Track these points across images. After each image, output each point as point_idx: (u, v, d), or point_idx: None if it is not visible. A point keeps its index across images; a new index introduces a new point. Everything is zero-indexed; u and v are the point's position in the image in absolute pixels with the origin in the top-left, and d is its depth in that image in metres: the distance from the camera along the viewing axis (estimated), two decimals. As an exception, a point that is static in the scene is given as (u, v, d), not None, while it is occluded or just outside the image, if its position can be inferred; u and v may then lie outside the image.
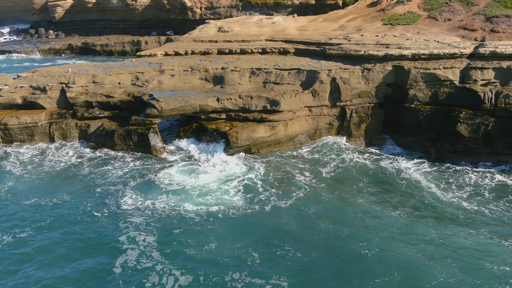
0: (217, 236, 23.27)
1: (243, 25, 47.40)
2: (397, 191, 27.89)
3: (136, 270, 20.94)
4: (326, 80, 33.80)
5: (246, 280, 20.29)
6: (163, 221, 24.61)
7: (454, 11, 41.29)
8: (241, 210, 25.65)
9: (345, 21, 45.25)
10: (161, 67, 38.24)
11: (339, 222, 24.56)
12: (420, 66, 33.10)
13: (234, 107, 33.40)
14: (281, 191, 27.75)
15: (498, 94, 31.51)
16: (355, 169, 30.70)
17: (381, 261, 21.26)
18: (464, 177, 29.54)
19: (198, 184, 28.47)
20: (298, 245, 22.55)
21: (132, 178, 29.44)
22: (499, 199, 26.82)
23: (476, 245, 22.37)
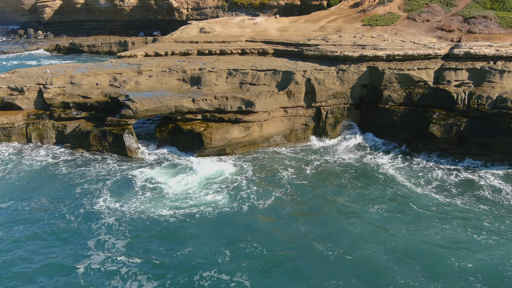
0: (190, 237, 23.24)
1: (225, 26, 47.47)
2: (374, 186, 28.05)
3: (100, 272, 20.86)
4: (301, 81, 33.87)
5: (214, 278, 20.35)
6: (136, 223, 24.54)
7: (433, 12, 41.42)
8: (217, 210, 25.58)
9: (326, 22, 45.36)
10: (139, 68, 38.28)
11: (313, 221, 24.59)
12: (395, 67, 33.21)
13: (209, 107, 33.44)
14: (261, 190, 27.75)
15: (471, 94, 31.63)
16: (336, 167, 30.86)
17: (344, 261, 21.24)
18: (433, 173, 29.65)
19: (174, 185, 28.40)
20: (268, 244, 22.53)
21: (106, 179, 29.42)
22: (468, 195, 27.03)
23: (443, 241, 22.48)
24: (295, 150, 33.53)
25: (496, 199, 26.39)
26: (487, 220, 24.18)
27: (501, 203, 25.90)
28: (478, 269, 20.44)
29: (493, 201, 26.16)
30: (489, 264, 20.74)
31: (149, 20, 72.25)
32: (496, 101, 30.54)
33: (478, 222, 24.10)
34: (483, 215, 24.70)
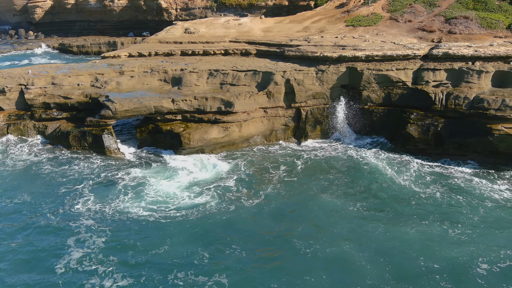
0: (169, 236, 23.27)
1: (210, 26, 47.52)
2: (356, 184, 28.26)
3: (77, 271, 20.95)
4: (280, 81, 33.94)
5: (190, 279, 20.42)
6: (115, 222, 24.57)
7: (415, 13, 41.53)
8: (198, 210, 25.60)
9: (310, 22, 45.44)
10: (122, 69, 38.32)
11: (295, 219, 24.74)
12: (373, 67, 33.29)
13: (189, 108, 33.49)
14: (243, 188, 27.87)
15: (448, 95, 31.73)
16: (321, 163, 31.03)
17: (320, 259, 21.31)
18: (413, 169, 29.97)
19: (154, 185, 28.42)
20: (248, 243, 22.63)
21: (86, 179, 29.43)
22: (446, 190, 27.29)
23: (417, 238, 22.67)
24: (276, 148, 33.54)
25: (473, 195, 26.53)
26: (462, 216, 24.36)
27: (477, 199, 26.10)
28: (446, 267, 20.55)
29: (469, 197, 26.31)
30: (458, 262, 20.83)
31: (138, 20, 72.30)
32: (473, 102, 30.63)
33: (453, 218, 24.28)
34: (459, 211, 24.89)
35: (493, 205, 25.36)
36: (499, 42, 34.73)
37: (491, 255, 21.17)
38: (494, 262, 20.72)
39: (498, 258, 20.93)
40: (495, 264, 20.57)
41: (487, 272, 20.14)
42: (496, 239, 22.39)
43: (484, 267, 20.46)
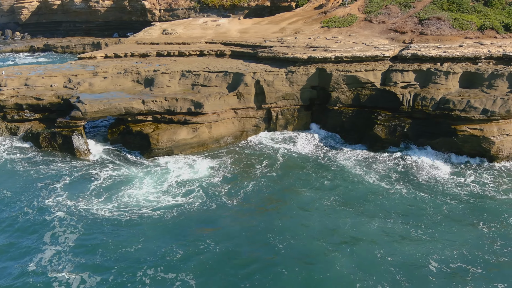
0: (141, 235, 23.33)
1: (188, 27, 47.61)
2: (328, 180, 28.52)
3: (46, 271, 20.85)
4: (250, 82, 34.05)
5: (159, 275, 20.53)
6: (86, 223, 24.51)
7: (390, 14, 41.70)
8: (170, 209, 25.67)
9: (287, 23, 45.57)
10: (95, 70, 38.34)
11: (268, 215, 24.96)
12: (342, 68, 33.43)
13: (159, 109, 33.56)
14: (216, 186, 28.05)
15: (416, 96, 31.88)
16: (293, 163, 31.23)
17: (288, 254, 21.62)
18: (383, 165, 30.39)
19: (126, 186, 28.43)
20: (221, 240, 22.79)
21: (58, 179, 29.29)
22: (412, 186, 27.63)
23: (381, 233, 23.06)
24: (246, 147, 33.67)
25: (437, 193, 26.75)
26: (425, 214, 24.69)
27: (440, 197, 26.32)
28: (402, 262, 20.90)
29: (433, 195, 26.56)
30: (414, 258, 21.17)
31: (123, 21, 72.35)
32: (439, 102, 30.81)
33: (417, 215, 24.63)
34: (423, 208, 25.23)
35: (455, 203, 25.60)
36: (469, 43, 34.95)
37: (445, 253, 21.42)
38: (446, 260, 20.94)
39: (451, 257, 21.16)
40: (447, 262, 20.80)
41: (437, 270, 20.42)
42: (453, 237, 22.62)
43: (435, 265, 20.75)
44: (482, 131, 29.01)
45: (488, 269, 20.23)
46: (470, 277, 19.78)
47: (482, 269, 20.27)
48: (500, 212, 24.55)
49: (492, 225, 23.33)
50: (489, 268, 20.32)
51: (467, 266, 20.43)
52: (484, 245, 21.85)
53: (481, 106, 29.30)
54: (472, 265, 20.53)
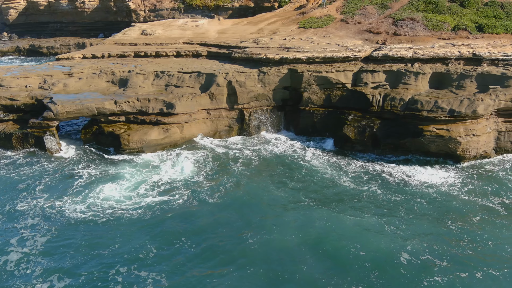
0: (116, 235, 23.27)
1: (167, 28, 47.71)
2: (299, 179, 28.72)
3: (15, 273, 20.84)
4: (222, 83, 34.17)
5: (133, 273, 20.61)
6: (59, 224, 24.42)
7: (366, 14, 41.87)
8: (145, 209, 25.59)
9: (266, 24, 45.71)
10: (71, 70, 38.41)
11: (243, 213, 25.10)
12: (314, 69, 33.57)
13: (132, 109, 33.66)
14: (191, 186, 28.07)
15: (386, 96, 32.02)
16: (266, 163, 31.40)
17: (262, 250, 21.86)
18: (355, 166, 30.60)
19: (98, 186, 28.35)
20: (197, 239, 22.91)
21: (25, 182, 29.16)
22: (383, 185, 27.88)
23: (353, 229, 23.37)
24: (221, 146, 33.82)
25: (407, 191, 26.97)
26: (397, 210, 24.98)
27: (411, 195, 26.56)
28: (374, 256, 21.25)
29: (404, 193, 26.82)
30: (385, 252, 21.53)
31: (109, 21, 72.40)
32: (408, 103, 30.96)
33: (389, 211, 24.91)
34: (394, 205, 25.49)
35: (424, 202, 25.82)
36: (441, 43, 35.15)
37: (415, 247, 21.82)
38: (416, 253, 21.37)
39: (421, 250, 21.59)
40: (417, 256, 21.23)
41: (408, 262, 20.89)
42: (423, 232, 23.00)
43: (406, 256, 21.22)
44: (448, 131, 29.17)
45: (454, 262, 20.79)
46: (437, 268, 20.40)
47: (447, 262, 20.80)
48: (465, 211, 24.86)
49: (458, 223, 23.72)
50: (455, 260, 20.88)
51: (435, 260, 20.95)
52: (451, 240, 22.29)
53: (448, 106, 29.46)
54: (439, 258, 21.03)
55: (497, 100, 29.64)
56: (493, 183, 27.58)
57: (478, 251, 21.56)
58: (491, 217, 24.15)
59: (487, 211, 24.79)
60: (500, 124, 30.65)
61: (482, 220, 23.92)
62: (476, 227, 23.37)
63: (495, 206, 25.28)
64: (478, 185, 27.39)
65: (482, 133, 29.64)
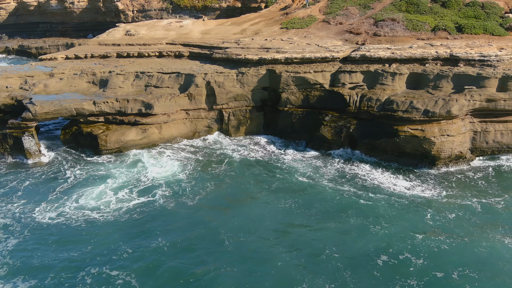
0: (89, 237, 23.30)
1: (151, 28, 47.77)
2: (276, 180, 28.83)
3: None
4: (201, 83, 34.25)
5: (104, 273, 20.67)
6: (32, 227, 24.41)
7: (348, 15, 41.96)
8: (121, 209, 25.73)
9: (249, 24, 45.79)
10: (52, 71, 38.41)
11: (220, 214, 25.37)
12: (292, 69, 33.65)
13: (111, 110, 33.70)
14: (170, 187, 28.18)
15: (362, 97, 32.14)
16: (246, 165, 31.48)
17: (236, 253, 21.97)
18: (332, 167, 30.71)
19: (74, 188, 28.35)
20: (171, 239, 23.04)
21: (3, 182, 29.35)
22: (359, 186, 28.05)
23: (331, 230, 23.59)
24: (201, 147, 33.87)
25: (385, 193, 27.15)
26: (374, 212, 25.14)
27: (389, 196, 26.71)
28: (352, 257, 21.55)
29: (381, 193, 27.02)
30: (363, 253, 21.82)
31: (98, 22, 72.41)
32: (384, 103, 31.06)
33: (365, 213, 25.08)
34: (371, 207, 25.61)
35: (404, 202, 25.98)
36: (419, 44, 35.26)
37: (392, 248, 22.01)
38: (392, 255, 21.58)
39: (397, 252, 21.77)
40: (393, 257, 21.45)
41: (383, 263, 21.08)
42: (400, 234, 23.14)
43: (383, 258, 21.41)
44: (423, 131, 29.27)
45: (429, 261, 21.00)
46: (413, 269, 20.55)
47: (423, 260, 21.05)
48: (442, 210, 25.09)
49: (435, 223, 23.97)
50: (430, 260, 21.10)
51: (411, 261, 21.10)
52: (428, 242, 22.41)
53: (423, 107, 29.57)
54: (416, 259, 21.23)
55: (471, 100, 29.75)
56: (470, 186, 27.69)
57: (455, 253, 21.61)
58: (468, 219, 24.22)
59: (464, 212, 24.86)
60: (475, 125, 30.75)
61: (458, 222, 24.00)
62: (452, 229, 23.42)
63: (472, 207, 25.35)
64: (455, 188, 27.48)
65: (457, 133, 29.73)
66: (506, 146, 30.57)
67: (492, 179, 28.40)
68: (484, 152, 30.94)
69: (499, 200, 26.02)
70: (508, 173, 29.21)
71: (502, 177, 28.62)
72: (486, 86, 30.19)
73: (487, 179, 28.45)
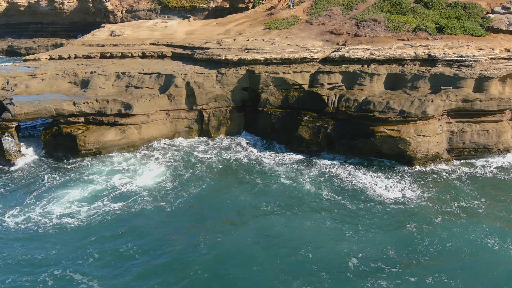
0: (59, 242, 23.19)
1: (136, 29, 47.84)
2: (256, 183, 28.75)
3: None
4: (181, 84, 34.33)
5: (66, 277, 20.64)
6: (2, 228, 24.52)
7: (331, 15, 42.07)
8: (98, 216, 25.51)
9: (234, 25, 45.89)
10: (34, 71, 38.44)
11: (195, 216, 25.19)
12: (271, 70, 33.74)
13: (91, 110, 33.75)
14: (145, 190, 28.15)
15: (341, 97, 32.24)
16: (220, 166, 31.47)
17: (209, 256, 21.88)
18: (312, 169, 30.62)
19: (50, 192, 28.27)
20: (143, 243, 23.01)
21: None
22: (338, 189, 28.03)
23: (310, 233, 23.46)
24: (180, 148, 33.85)
25: (363, 194, 27.19)
26: (352, 215, 25.10)
27: (368, 199, 26.67)
28: (326, 260, 21.43)
29: (360, 195, 27.01)
30: (337, 256, 21.70)
31: (88, 22, 72.48)
32: (361, 104, 31.17)
33: (344, 216, 25.03)
34: (350, 210, 25.62)
35: (383, 205, 25.95)
36: (399, 44, 35.39)
37: (367, 252, 21.92)
38: (367, 259, 21.43)
39: (372, 257, 21.61)
40: (367, 262, 21.30)
41: (355, 268, 20.96)
42: (377, 237, 23.04)
43: (355, 262, 21.31)
44: (399, 132, 29.40)
45: (405, 267, 20.82)
46: (386, 275, 20.40)
47: (398, 268, 20.79)
48: (421, 213, 25.03)
49: (411, 229, 23.72)
50: (404, 266, 20.91)
51: (386, 265, 21.03)
52: (404, 246, 22.34)
53: (399, 107, 29.69)
54: (391, 263, 21.11)
55: (447, 101, 29.88)
56: (448, 187, 27.76)
57: (431, 257, 21.53)
58: (445, 223, 24.17)
59: (441, 215, 24.79)
60: (452, 125, 30.88)
61: (435, 226, 23.92)
62: (430, 232, 23.35)
63: (451, 211, 25.29)
64: (432, 188, 27.60)
65: (433, 133, 29.86)
66: (482, 146, 30.65)
67: (467, 180, 28.45)
68: (461, 153, 31.01)
69: (478, 204, 25.89)
70: (482, 175, 29.33)
71: (476, 179, 28.67)
72: (463, 86, 30.30)
73: (464, 180, 28.49)
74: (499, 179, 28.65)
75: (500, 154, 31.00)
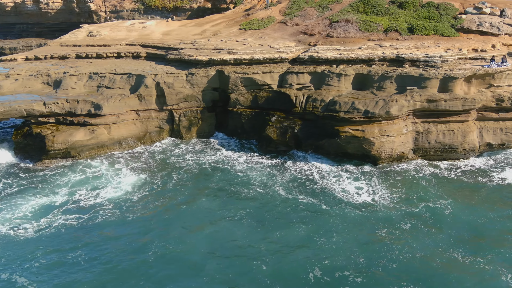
0: (16, 247, 23.26)
1: (114, 29, 47.93)
2: (227, 186, 28.71)
3: None
4: (151, 84, 34.46)
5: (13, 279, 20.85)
6: None
7: (306, 16, 42.24)
8: (58, 225, 25.32)
9: (211, 25, 46.02)
10: (8, 72, 38.50)
11: (148, 228, 24.78)
12: (241, 70, 33.90)
13: (61, 111, 33.85)
14: (110, 194, 28.21)
15: (308, 98, 32.43)
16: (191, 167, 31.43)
17: (156, 267, 21.80)
18: (285, 172, 30.56)
19: (7, 199, 28.12)
20: (105, 248, 23.06)
21: None
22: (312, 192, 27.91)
23: (276, 241, 23.24)
24: (150, 151, 34.00)
25: (330, 197, 27.10)
26: (320, 220, 24.89)
27: (338, 204, 26.47)
28: (286, 270, 21.21)
29: (327, 199, 26.91)
30: (297, 265, 21.47)
31: (72, 22, 72.11)
32: (328, 104, 31.36)
33: (311, 221, 24.82)
34: (317, 214, 25.47)
35: (352, 209, 25.77)
36: (369, 45, 35.59)
37: (334, 260, 21.58)
38: (332, 268, 21.08)
39: (339, 265, 21.31)
40: (331, 271, 20.96)
41: (315, 279, 20.57)
42: (343, 246, 22.64)
43: (317, 273, 20.92)
44: (363, 132, 29.58)
45: (369, 277, 20.54)
46: (348, 286, 20.06)
47: (363, 278, 20.51)
48: (390, 217, 24.89)
49: (382, 233, 23.64)
50: (371, 275, 20.66)
51: (350, 273, 20.74)
52: (370, 254, 22.06)
53: (363, 107, 29.88)
54: (356, 272, 20.80)
55: (412, 101, 30.08)
56: (416, 188, 27.82)
57: (399, 264, 21.24)
58: (414, 226, 24.08)
59: (409, 218, 24.70)
60: (418, 125, 31.08)
61: (404, 232, 23.70)
62: (398, 238, 23.18)
63: (418, 212, 25.30)
64: (400, 189, 27.70)
65: (398, 133, 30.05)
66: (448, 146, 30.86)
67: (434, 181, 28.58)
68: (427, 152, 31.20)
69: (444, 203, 26.00)
70: (447, 175, 29.48)
71: (443, 180, 28.81)
72: (428, 86, 30.51)
73: (431, 181, 28.61)
74: (464, 181, 28.80)
75: (466, 154, 31.11)
